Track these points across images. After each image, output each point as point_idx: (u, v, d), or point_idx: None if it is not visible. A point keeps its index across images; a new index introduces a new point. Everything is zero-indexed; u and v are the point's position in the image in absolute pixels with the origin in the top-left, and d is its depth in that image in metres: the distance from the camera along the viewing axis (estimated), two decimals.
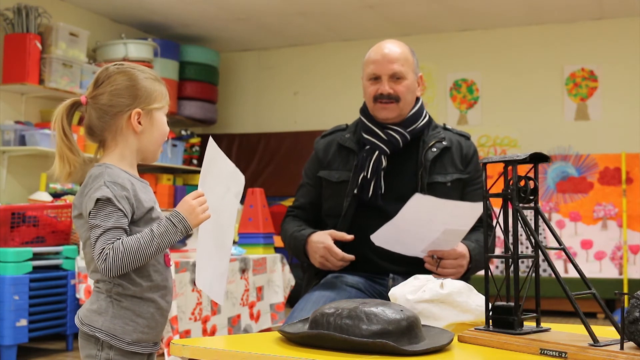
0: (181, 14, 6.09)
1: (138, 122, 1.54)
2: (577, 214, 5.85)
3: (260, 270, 4.23)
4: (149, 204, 1.51)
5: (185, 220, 1.47)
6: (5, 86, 5.00)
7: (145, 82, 1.56)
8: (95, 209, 1.43)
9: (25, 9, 4.95)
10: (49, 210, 4.04)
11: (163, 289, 1.54)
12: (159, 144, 1.60)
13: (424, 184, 2.15)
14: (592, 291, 1.28)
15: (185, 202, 1.49)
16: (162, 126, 1.59)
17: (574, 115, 6.21)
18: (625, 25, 6.08)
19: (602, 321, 5.17)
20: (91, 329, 1.47)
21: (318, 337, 1.28)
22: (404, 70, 2.20)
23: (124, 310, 1.48)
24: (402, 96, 2.19)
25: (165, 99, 1.60)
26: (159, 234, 1.44)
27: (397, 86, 2.19)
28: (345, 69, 6.86)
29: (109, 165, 1.51)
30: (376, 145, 2.20)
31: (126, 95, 1.53)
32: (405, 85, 2.20)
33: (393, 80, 2.20)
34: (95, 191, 1.44)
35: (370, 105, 2.24)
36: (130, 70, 1.57)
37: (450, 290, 1.52)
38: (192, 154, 6.67)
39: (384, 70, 2.19)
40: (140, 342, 1.50)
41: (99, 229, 1.42)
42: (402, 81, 2.20)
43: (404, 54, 2.24)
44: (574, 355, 1.17)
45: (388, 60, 2.20)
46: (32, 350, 4.03)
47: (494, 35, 6.46)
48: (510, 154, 1.40)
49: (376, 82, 2.21)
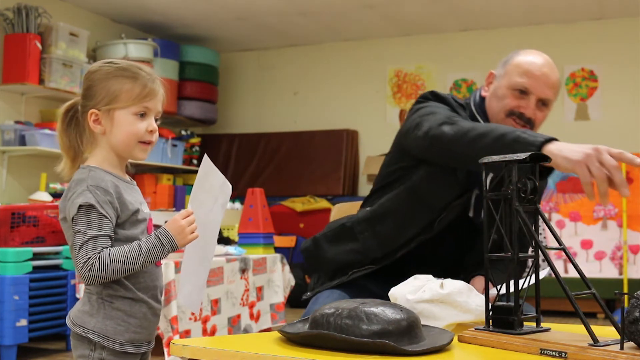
0: (181, 14, 6.09)
1: (97, 123, 1.50)
2: (577, 214, 5.85)
3: (260, 270, 4.23)
4: (134, 205, 1.49)
5: (173, 240, 1.47)
6: (5, 86, 5.00)
7: (114, 80, 1.50)
8: (79, 215, 1.42)
9: (25, 9, 4.95)
10: (49, 210, 4.04)
11: (153, 289, 1.53)
12: (127, 145, 1.51)
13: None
14: (592, 291, 1.28)
15: (175, 221, 1.48)
16: (126, 126, 1.50)
17: (574, 115, 6.21)
18: (625, 25, 6.08)
19: (602, 321, 5.17)
20: (83, 330, 1.46)
21: (318, 337, 1.28)
22: (553, 100, 1.95)
23: (115, 311, 1.47)
24: (537, 125, 1.95)
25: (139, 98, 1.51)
26: (146, 251, 1.44)
27: (540, 113, 1.94)
28: (345, 69, 6.87)
29: (92, 167, 1.48)
30: None
31: (87, 95, 1.51)
32: (545, 115, 1.96)
33: (539, 106, 1.93)
34: (78, 196, 1.42)
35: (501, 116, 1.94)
36: (104, 67, 1.52)
37: (450, 290, 1.52)
38: (192, 154, 6.66)
39: (538, 92, 1.91)
40: (133, 342, 1.49)
41: (83, 236, 1.41)
42: (545, 110, 1.95)
43: (559, 81, 1.98)
44: (574, 355, 1.17)
45: (546, 83, 1.92)
46: (32, 350, 4.02)
47: (494, 35, 6.46)
48: (510, 154, 1.40)
49: (521, 96, 1.92)
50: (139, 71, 1.54)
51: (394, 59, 6.77)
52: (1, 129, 4.95)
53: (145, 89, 1.52)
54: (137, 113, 1.51)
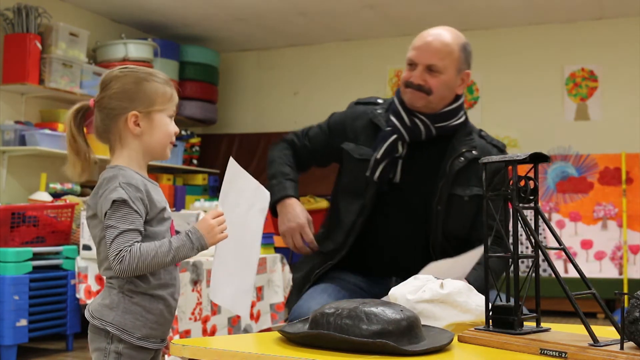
0: (181, 14, 6.09)
1: (136, 125, 1.56)
2: (577, 214, 5.85)
3: (260, 270, 4.23)
4: (161, 204, 1.56)
5: (203, 238, 1.52)
6: (5, 86, 5.00)
7: (148, 84, 1.58)
8: (112, 210, 1.47)
9: (25, 9, 4.95)
10: (49, 210, 4.04)
11: (172, 287, 1.58)
12: (163, 145, 1.61)
13: (443, 196, 2.06)
14: (592, 291, 1.28)
15: (204, 220, 1.54)
16: (163, 127, 1.59)
17: (574, 115, 6.21)
18: (625, 25, 6.08)
19: (602, 321, 5.17)
20: (102, 323, 1.50)
21: (318, 337, 1.28)
22: (442, 65, 2.07)
23: (134, 305, 1.51)
24: (434, 90, 2.08)
25: (170, 101, 1.62)
26: (176, 247, 1.49)
27: (431, 79, 2.07)
28: (345, 69, 6.86)
29: (121, 167, 1.54)
30: (397, 129, 2.10)
31: (124, 98, 1.56)
32: (440, 80, 2.08)
33: (428, 72, 2.08)
34: (111, 192, 1.48)
35: (402, 88, 2.13)
36: (135, 72, 1.59)
37: (450, 290, 1.52)
38: (192, 154, 6.66)
39: (421, 59, 2.08)
40: (149, 338, 1.53)
41: (115, 230, 1.46)
42: (437, 75, 2.08)
43: (448, 46, 2.09)
44: (574, 355, 1.17)
45: (428, 50, 2.07)
46: (32, 350, 4.02)
47: (494, 35, 6.46)
48: (510, 154, 1.40)
49: (412, 68, 2.10)
50: (165, 76, 1.65)
51: (394, 59, 6.76)
52: (1, 129, 4.94)
53: (173, 93, 1.63)
54: (170, 115, 1.61)
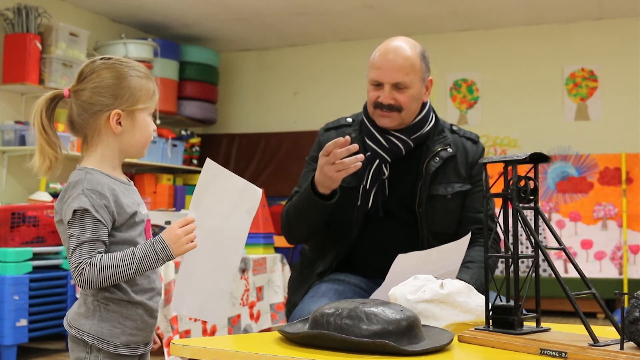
0: (181, 14, 6.09)
1: (118, 123, 1.46)
2: (577, 214, 5.85)
3: (260, 270, 4.23)
4: (132, 208, 1.47)
5: (168, 249, 1.42)
6: (5, 86, 4.99)
7: (132, 80, 1.47)
8: (73, 219, 1.40)
9: (25, 9, 4.95)
10: (49, 210, 4.04)
11: (150, 291, 1.51)
12: (142, 145, 1.52)
13: (422, 198, 2.06)
14: (592, 291, 1.28)
15: (171, 229, 1.44)
16: (144, 128, 1.50)
17: (574, 115, 6.21)
18: (625, 25, 6.07)
19: (602, 321, 5.17)
20: (79, 333, 1.45)
21: (318, 337, 1.28)
22: (408, 80, 2.03)
23: (111, 313, 1.45)
24: (404, 106, 2.05)
25: (152, 98, 1.51)
26: (139, 259, 1.40)
27: (399, 96, 2.04)
28: (345, 69, 6.86)
29: (89, 170, 1.45)
30: (377, 154, 2.08)
31: (107, 94, 1.46)
32: (408, 95, 2.04)
33: (396, 90, 2.04)
34: (73, 200, 1.40)
35: (371, 110, 2.10)
36: (117, 66, 1.48)
37: (450, 290, 1.52)
38: (192, 154, 6.66)
39: (387, 79, 2.03)
40: (129, 345, 1.47)
41: (76, 240, 1.39)
42: (405, 91, 2.04)
43: (410, 60, 2.04)
44: (574, 355, 1.17)
45: (392, 68, 2.02)
46: (32, 350, 4.02)
47: (494, 35, 6.46)
48: (510, 154, 1.40)
49: (378, 88, 2.06)
50: (146, 70, 1.52)
51: None
52: (1, 129, 4.94)
53: (155, 89, 1.52)
54: (151, 114, 1.52)
